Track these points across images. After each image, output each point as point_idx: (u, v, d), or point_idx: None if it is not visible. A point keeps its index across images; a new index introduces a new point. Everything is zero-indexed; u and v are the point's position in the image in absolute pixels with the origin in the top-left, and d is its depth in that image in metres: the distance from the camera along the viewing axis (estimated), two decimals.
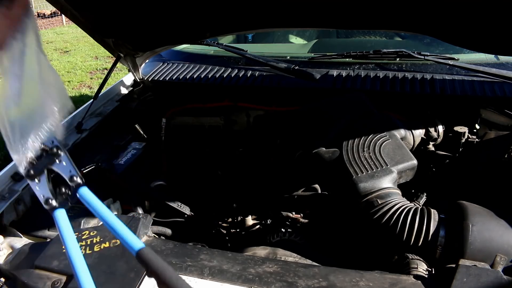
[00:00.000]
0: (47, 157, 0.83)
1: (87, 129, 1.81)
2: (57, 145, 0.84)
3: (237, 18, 1.52)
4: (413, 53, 1.81)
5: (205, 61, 2.08)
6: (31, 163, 0.83)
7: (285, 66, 1.85)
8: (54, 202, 0.81)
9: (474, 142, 1.51)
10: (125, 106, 2.02)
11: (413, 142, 1.48)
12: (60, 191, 0.83)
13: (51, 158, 0.83)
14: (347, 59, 1.91)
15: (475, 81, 1.69)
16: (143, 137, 1.81)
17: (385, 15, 1.35)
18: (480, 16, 1.21)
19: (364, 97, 1.53)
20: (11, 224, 1.38)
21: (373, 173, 1.21)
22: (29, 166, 0.83)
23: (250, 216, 1.54)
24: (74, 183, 0.81)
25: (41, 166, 0.83)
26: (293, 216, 1.48)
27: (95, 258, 1.03)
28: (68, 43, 8.98)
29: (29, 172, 0.83)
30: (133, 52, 1.83)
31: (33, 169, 0.83)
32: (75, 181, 0.82)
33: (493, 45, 1.35)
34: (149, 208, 1.47)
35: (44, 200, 0.81)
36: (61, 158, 0.84)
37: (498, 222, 1.04)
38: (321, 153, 1.33)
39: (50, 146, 0.83)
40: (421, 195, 1.33)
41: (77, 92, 5.93)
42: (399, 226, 1.09)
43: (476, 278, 0.88)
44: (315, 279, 0.93)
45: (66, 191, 0.83)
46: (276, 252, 1.19)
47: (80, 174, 0.83)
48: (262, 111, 1.86)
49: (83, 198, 0.80)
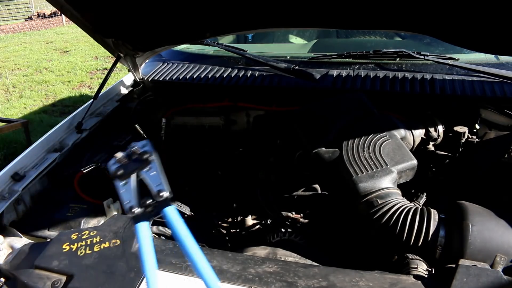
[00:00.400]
0: (138, 162, 0.80)
1: (87, 129, 1.81)
2: (149, 151, 0.81)
3: (237, 18, 1.52)
4: (413, 53, 1.81)
5: (205, 61, 2.08)
6: (120, 161, 0.80)
7: (285, 66, 1.85)
8: (137, 211, 0.78)
9: (474, 142, 1.51)
10: (125, 106, 2.02)
11: (413, 142, 1.48)
12: (144, 201, 0.79)
13: (142, 163, 0.80)
14: (347, 59, 1.91)
15: (475, 81, 1.69)
16: (143, 137, 1.80)
17: (385, 15, 1.35)
18: (480, 16, 1.21)
19: (364, 97, 1.53)
20: (11, 224, 1.38)
21: (373, 173, 1.21)
22: (119, 164, 0.80)
23: (250, 216, 1.54)
24: (162, 199, 0.77)
25: (131, 168, 0.80)
26: (293, 216, 1.48)
27: (95, 258, 1.03)
28: (68, 43, 8.98)
29: (117, 171, 0.79)
30: (133, 52, 1.83)
31: (123, 168, 0.79)
32: (162, 196, 0.78)
33: (493, 45, 1.35)
34: None
35: (128, 207, 0.78)
36: (151, 166, 0.80)
37: (498, 222, 1.04)
38: (321, 153, 1.33)
39: (142, 151, 0.81)
40: (421, 195, 1.33)
41: (77, 92, 5.93)
42: (399, 226, 1.09)
43: (476, 278, 0.88)
44: (315, 279, 0.93)
45: (151, 203, 0.78)
46: (276, 252, 1.19)
47: (169, 189, 0.79)
48: (262, 111, 1.86)
49: (167, 218, 0.77)
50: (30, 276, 1.02)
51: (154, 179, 0.79)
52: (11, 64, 7.60)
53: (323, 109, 1.51)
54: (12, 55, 8.26)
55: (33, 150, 1.60)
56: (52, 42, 9.30)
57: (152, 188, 0.79)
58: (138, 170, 0.80)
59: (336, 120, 1.43)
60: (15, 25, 11.39)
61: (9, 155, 4.09)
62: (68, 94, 5.89)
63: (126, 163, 0.81)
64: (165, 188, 0.78)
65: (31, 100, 5.73)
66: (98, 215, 1.38)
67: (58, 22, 11.57)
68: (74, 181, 1.45)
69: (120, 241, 1.07)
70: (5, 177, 1.44)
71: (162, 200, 0.78)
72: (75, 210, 1.38)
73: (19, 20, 12.55)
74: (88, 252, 1.05)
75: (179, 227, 0.76)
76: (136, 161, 0.80)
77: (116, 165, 0.81)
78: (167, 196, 0.78)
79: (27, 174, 1.49)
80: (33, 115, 5.19)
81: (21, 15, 12.87)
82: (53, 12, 11.90)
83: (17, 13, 12.91)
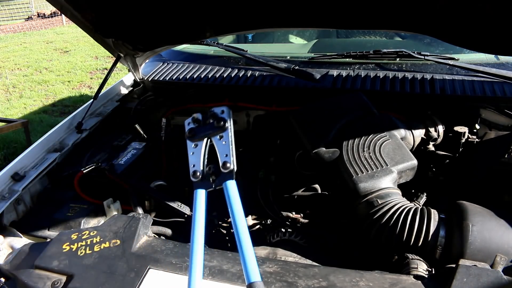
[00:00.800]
0: (212, 127, 0.78)
1: (87, 129, 1.81)
2: (226, 119, 0.79)
3: (237, 18, 1.52)
4: (413, 53, 1.81)
5: (205, 61, 2.08)
6: (196, 122, 0.79)
7: (285, 66, 1.85)
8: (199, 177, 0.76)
9: (474, 142, 1.50)
10: (125, 106, 2.02)
11: (413, 142, 1.48)
12: (209, 169, 0.77)
13: (216, 129, 0.78)
14: (347, 59, 1.91)
15: (475, 81, 1.69)
16: (143, 137, 1.80)
17: (385, 15, 1.35)
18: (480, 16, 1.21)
19: (364, 97, 1.53)
20: (11, 224, 1.38)
21: (373, 173, 1.21)
22: (194, 124, 0.79)
23: (250, 216, 1.54)
24: (226, 171, 0.76)
25: (204, 132, 0.78)
26: (293, 216, 1.48)
27: (95, 258, 1.03)
28: (68, 43, 8.98)
29: (191, 132, 0.78)
30: (133, 52, 1.83)
31: (197, 130, 0.78)
32: (227, 167, 0.76)
33: (493, 45, 1.35)
34: (149, 208, 1.47)
35: (192, 171, 0.77)
36: (223, 135, 0.78)
37: (498, 222, 1.04)
38: (321, 153, 1.33)
39: (220, 116, 0.79)
40: (421, 195, 1.33)
41: (77, 92, 5.93)
42: (399, 226, 1.09)
43: (476, 278, 0.88)
44: (315, 279, 0.93)
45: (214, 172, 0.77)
46: (276, 252, 1.19)
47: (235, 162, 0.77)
48: (262, 111, 1.86)
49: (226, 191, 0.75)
50: (30, 276, 1.02)
51: (223, 148, 0.78)
52: (11, 64, 7.60)
53: (323, 109, 1.51)
54: (12, 55, 8.26)
55: (33, 150, 1.60)
56: (52, 42, 9.30)
57: (220, 157, 0.77)
58: (211, 135, 0.79)
59: (336, 120, 1.43)
60: (15, 25, 11.39)
61: (9, 155, 4.09)
62: (68, 94, 5.89)
63: (201, 126, 0.79)
64: (231, 160, 0.77)
65: (31, 100, 5.74)
66: (98, 215, 1.38)
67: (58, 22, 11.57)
68: (74, 181, 1.45)
69: (120, 241, 1.07)
70: (5, 177, 1.44)
71: (226, 172, 0.76)
72: (75, 210, 1.38)
73: (19, 20, 12.56)
74: (88, 252, 1.05)
75: (236, 205, 0.74)
76: (211, 125, 0.79)
77: (192, 124, 0.80)
78: (232, 169, 0.76)
79: (27, 174, 1.49)
80: (33, 115, 5.19)
81: (21, 15, 12.87)
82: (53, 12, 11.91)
83: (17, 13, 12.92)
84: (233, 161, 0.77)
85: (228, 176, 0.76)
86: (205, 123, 0.80)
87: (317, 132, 1.40)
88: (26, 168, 1.53)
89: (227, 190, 0.76)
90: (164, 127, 1.84)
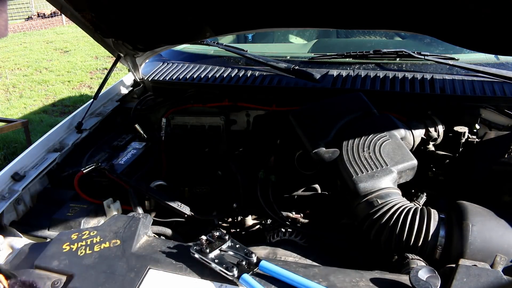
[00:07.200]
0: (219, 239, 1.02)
1: (87, 129, 1.81)
2: (223, 233, 1.04)
3: (237, 18, 1.52)
4: (413, 53, 1.81)
5: (205, 61, 2.08)
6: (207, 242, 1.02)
7: (285, 66, 1.85)
8: (236, 272, 0.95)
9: (474, 142, 1.50)
10: (125, 106, 2.02)
11: (413, 142, 1.48)
12: (239, 263, 0.97)
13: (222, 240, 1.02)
14: (347, 59, 1.91)
15: (475, 81, 1.69)
16: (143, 137, 1.81)
17: (385, 15, 1.35)
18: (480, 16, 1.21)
19: (364, 97, 1.53)
20: (11, 224, 1.38)
21: (373, 173, 1.21)
22: (205, 243, 1.01)
23: (250, 216, 1.54)
24: (254, 258, 0.98)
25: (214, 246, 1.01)
26: (293, 216, 1.48)
27: (95, 258, 1.03)
28: (68, 43, 8.98)
29: (201, 249, 1.00)
30: (133, 52, 1.83)
31: (208, 247, 1.00)
32: (252, 257, 0.99)
33: (493, 45, 1.35)
34: (149, 208, 1.47)
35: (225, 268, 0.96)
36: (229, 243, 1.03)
37: (498, 222, 1.04)
38: (321, 153, 1.33)
39: (219, 234, 1.04)
40: (421, 195, 1.33)
41: (77, 92, 5.93)
42: (399, 226, 1.09)
43: (476, 278, 0.88)
44: (315, 279, 0.93)
45: (245, 262, 0.98)
46: (276, 252, 1.19)
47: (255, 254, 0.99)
48: (262, 111, 1.86)
49: (266, 270, 0.96)
50: (30, 276, 1.02)
51: (238, 250, 1.02)
52: (11, 64, 7.60)
53: (323, 109, 1.51)
54: (12, 55, 8.26)
55: (33, 150, 1.60)
56: (52, 42, 9.30)
57: (240, 255, 1.00)
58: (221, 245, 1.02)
59: (336, 120, 1.43)
60: (15, 25, 11.39)
61: (9, 155, 4.09)
62: (68, 94, 5.89)
63: (211, 242, 1.03)
64: (249, 251, 1.01)
65: (31, 100, 5.74)
66: (98, 215, 1.38)
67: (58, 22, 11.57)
68: (74, 181, 1.45)
69: (120, 241, 1.07)
70: (5, 177, 1.44)
71: (255, 259, 0.98)
72: (75, 210, 1.38)
73: (19, 20, 12.56)
74: (88, 252, 1.05)
75: (282, 271, 0.94)
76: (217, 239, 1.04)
77: (204, 244, 1.02)
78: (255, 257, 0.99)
79: (27, 174, 1.49)
80: (33, 115, 5.19)
81: (21, 15, 12.88)
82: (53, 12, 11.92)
83: (17, 13, 12.92)
84: (253, 253, 1.01)
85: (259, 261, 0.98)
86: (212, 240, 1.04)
87: (317, 132, 1.40)
88: (26, 168, 1.53)
89: (267, 268, 0.96)
90: (164, 127, 1.84)
